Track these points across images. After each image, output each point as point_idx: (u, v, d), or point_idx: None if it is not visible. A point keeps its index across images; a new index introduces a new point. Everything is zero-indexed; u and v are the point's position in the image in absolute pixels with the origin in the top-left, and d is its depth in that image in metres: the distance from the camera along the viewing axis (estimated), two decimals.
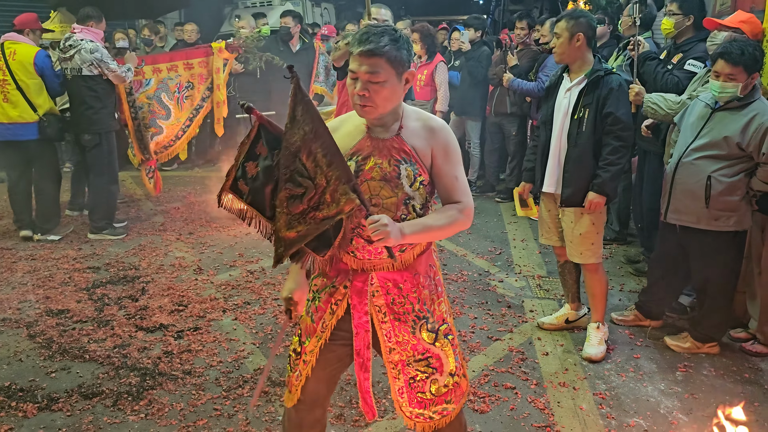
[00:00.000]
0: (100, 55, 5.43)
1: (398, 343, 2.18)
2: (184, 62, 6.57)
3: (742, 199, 3.45)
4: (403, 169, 2.07)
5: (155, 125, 6.51)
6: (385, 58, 1.99)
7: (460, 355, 2.26)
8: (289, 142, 2.10)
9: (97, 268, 5.00)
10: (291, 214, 2.11)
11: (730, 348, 3.80)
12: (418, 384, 2.18)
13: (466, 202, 2.13)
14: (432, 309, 2.17)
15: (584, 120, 3.48)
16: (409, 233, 2.00)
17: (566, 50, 3.50)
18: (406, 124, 2.10)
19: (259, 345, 3.77)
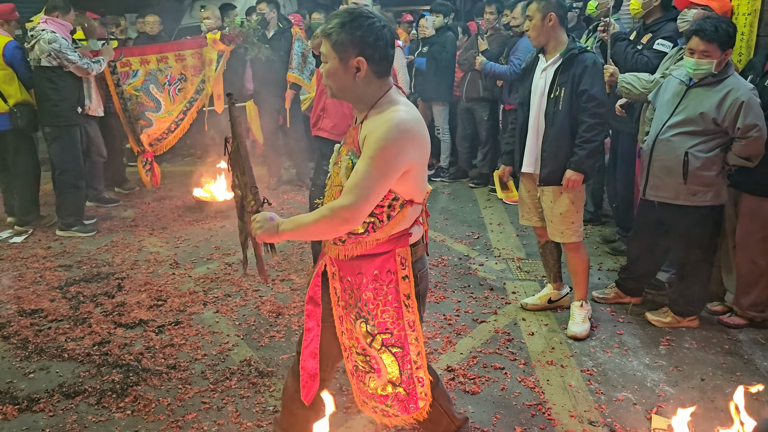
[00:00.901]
0: (58, 46, 5.24)
1: (347, 330, 2.18)
2: (175, 53, 6.40)
3: (719, 174, 3.52)
4: (345, 160, 2.04)
5: (144, 117, 6.38)
6: (330, 41, 1.97)
7: (421, 373, 2.14)
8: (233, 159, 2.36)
9: (68, 266, 4.86)
10: (240, 219, 2.42)
11: (709, 321, 3.88)
12: (360, 374, 2.20)
13: (345, 201, 1.91)
14: (374, 313, 2.08)
15: (560, 99, 3.50)
16: (284, 229, 2.02)
17: (540, 31, 3.51)
18: (372, 114, 1.99)
19: (244, 336, 3.71)
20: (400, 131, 1.90)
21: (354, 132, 2.06)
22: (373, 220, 2.01)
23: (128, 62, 6.21)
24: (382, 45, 1.95)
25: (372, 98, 2.01)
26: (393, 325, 2.08)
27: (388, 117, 1.92)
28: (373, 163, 1.89)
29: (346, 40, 1.93)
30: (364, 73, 1.96)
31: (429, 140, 2.05)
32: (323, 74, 2.06)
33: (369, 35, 1.93)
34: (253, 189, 2.18)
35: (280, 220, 2.03)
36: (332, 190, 2.08)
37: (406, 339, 2.10)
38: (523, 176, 3.81)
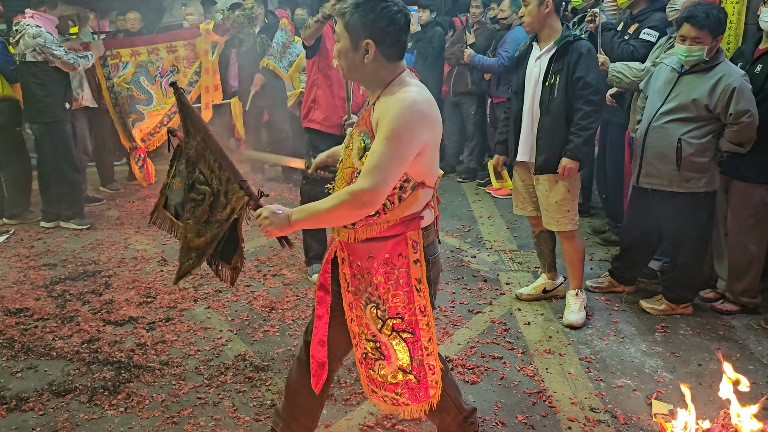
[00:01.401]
0: (43, 41, 5.13)
1: (357, 317, 2.14)
2: (166, 45, 6.26)
3: (711, 160, 3.53)
4: (357, 141, 2.01)
5: (135, 111, 6.23)
6: (343, 21, 1.96)
7: (431, 360, 2.10)
8: (188, 155, 2.28)
9: (53, 264, 4.75)
10: (198, 222, 2.25)
11: (702, 308, 3.90)
12: (369, 361, 2.16)
13: (363, 183, 1.87)
14: (384, 297, 2.04)
15: (555, 86, 3.49)
16: (296, 219, 1.96)
17: (535, 17, 3.49)
18: (384, 96, 1.97)
19: (237, 332, 3.65)
20: (412, 112, 1.88)
21: (366, 113, 2.04)
22: (385, 201, 1.97)
23: (118, 54, 6.07)
24: (394, 30, 1.93)
25: (383, 80, 2.00)
26: (404, 309, 2.05)
27: (399, 98, 1.90)
28: (389, 144, 1.86)
29: (358, 23, 1.92)
30: (372, 56, 1.95)
31: (441, 122, 2.02)
32: (335, 52, 2.05)
33: (381, 19, 1.91)
34: (242, 183, 2.11)
35: (289, 211, 1.97)
36: (344, 173, 2.05)
37: (417, 324, 2.06)
38: (518, 165, 3.79)
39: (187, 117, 2.20)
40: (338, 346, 2.23)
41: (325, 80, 4.04)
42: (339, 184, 2.09)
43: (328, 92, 4.07)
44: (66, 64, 5.28)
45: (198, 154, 2.19)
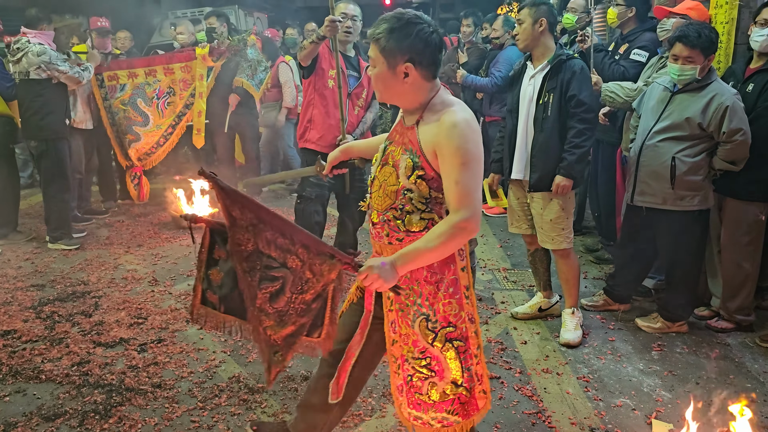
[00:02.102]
0: (48, 58, 5.18)
1: (401, 336, 2.11)
2: (163, 67, 6.28)
3: (705, 179, 3.55)
4: (404, 159, 2.02)
5: (131, 132, 6.30)
6: (378, 46, 1.98)
7: (480, 369, 2.10)
8: (242, 246, 2.04)
9: (41, 285, 4.67)
10: (278, 311, 2.05)
11: (697, 326, 3.89)
12: (415, 383, 2.11)
13: (463, 214, 1.90)
14: (435, 307, 2.05)
15: (549, 104, 3.51)
16: (402, 264, 1.92)
17: (529, 36, 3.52)
18: (427, 116, 2.01)
19: (230, 353, 3.59)
20: (472, 130, 1.95)
21: (409, 133, 2.05)
22: (432, 216, 2.02)
23: (116, 76, 6.12)
24: (430, 51, 1.96)
25: (423, 100, 2.03)
26: (455, 318, 2.06)
27: (453, 120, 1.93)
28: (469, 169, 1.91)
29: (395, 47, 1.94)
30: (412, 78, 1.97)
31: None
32: (372, 78, 2.06)
33: (418, 42, 1.94)
34: (333, 252, 1.95)
35: (391, 260, 1.92)
36: (387, 191, 2.06)
37: (467, 332, 2.08)
38: (513, 183, 3.80)
39: (230, 204, 2.00)
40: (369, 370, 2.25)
41: (320, 100, 4.05)
42: (379, 202, 2.09)
43: (323, 112, 4.08)
44: (71, 78, 5.32)
45: (257, 238, 2.01)
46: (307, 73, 4.07)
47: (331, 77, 4.01)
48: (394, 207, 2.05)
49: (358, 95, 4.19)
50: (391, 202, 2.05)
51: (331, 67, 4.00)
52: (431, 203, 2.02)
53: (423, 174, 1.99)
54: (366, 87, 4.22)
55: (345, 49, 4.15)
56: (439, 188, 2.00)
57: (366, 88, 4.22)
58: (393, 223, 2.07)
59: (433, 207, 2.03)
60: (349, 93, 4.11)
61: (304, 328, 2.06)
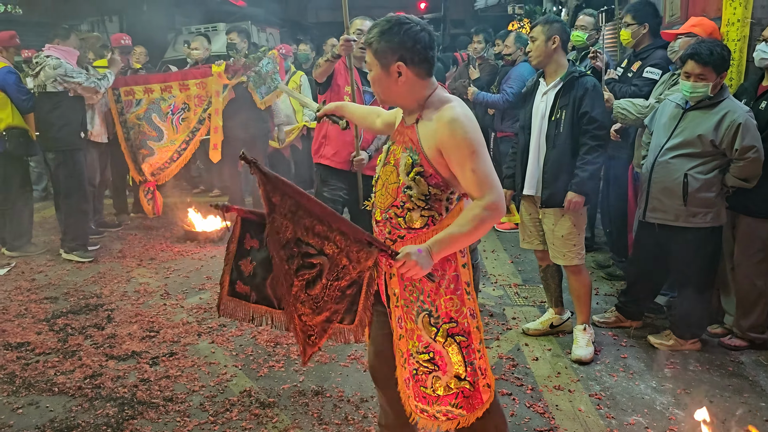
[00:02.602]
0: (64, 71, 5.30)
1: (407, 331, 2.15)
2: (179, 83, 6.35)
3: (718, 196, 3.54)
4: (404, 157, 2.10)
5: (145, 146, 6.37)
6: (371, 50, 2.08)
7: (483, 362, 2.14)
8: (279, 233, 2.04)
9: (55, 298, 4.71)
10: (314, 297, 2.07)
11: (710, 344, 3.86)
12: (420, 377, 2.14)
13: (489, 197, 1.98)
14: (437, 303, 2.09)
15: (561, 121, 3.53)
16: (438, 251, 1.97)
17: (543, 53, 3.54)
18: (426, 114, 2.08)
19: (242, 367, 3.60)
20: (470, 120, 2.01)
21: (409, 132, 2.13)
22: (432, 213, 2.09)
23: (132, 91, 6.23)
24: (420, 48, 2.04)
25: (420, 98, 2.10)
26: (456, 313, 2.09)
27: (452, 115, 1.99)
28: (478, 156, 1.97)
29: (386, 47, 2.04)
30: (405, 77, 2.06)
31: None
32: (370, 82, 2.16)
33: (407, 40, 2.02)
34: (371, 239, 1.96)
35: (426, 246, 1.96)
36: (388, 189, 2.14)
37: (470, 327, 2.11)
38: (525, 199, 3.80)
39: (270, 191, 2.00)
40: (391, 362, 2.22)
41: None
42: (382, 200, 2.17)
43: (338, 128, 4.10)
44: (87, 89, 5.43)
45: (296, 225, 2.01)
46: (322, 89, 4.10)
47: (347, 93, 4.03)
48: (395, 204, 2.12)
49: None
50: (392, 200, 2.13)
51: (347, 83, 4.03)
52: (431, 200, 2.09)
53: (422, 171, 2.06)
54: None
55: (361, 64, 4.18)
56: (438, 185, 2.07)
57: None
58: (395, 221, 2.14)
59: (432, 204, 2.09)
60: None
61: (338, 314, 2.08)
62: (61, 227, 5.78)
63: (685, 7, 5.13)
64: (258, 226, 2.19)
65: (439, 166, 2.05)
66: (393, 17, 2.06)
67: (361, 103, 4.09)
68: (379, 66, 2.07)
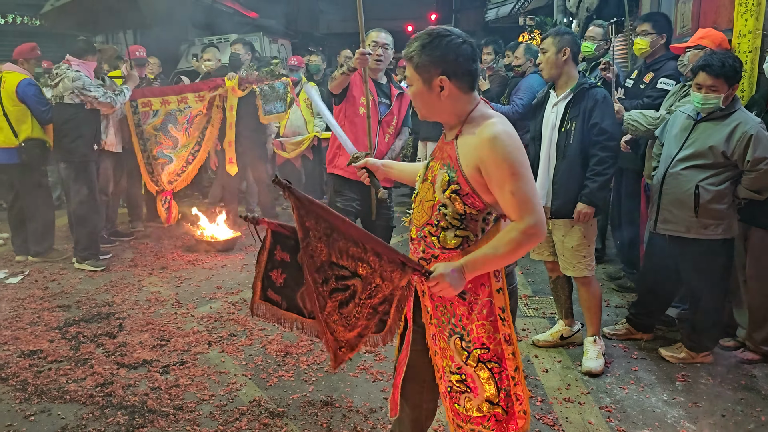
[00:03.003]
0: (82, 84, 5.39)
1: (441, 349, 2.13)
2: (195, 94, 6.40)
3: (729, 207, 3.52)
4: (441, 174, 2.04)
5: (163, 156, 6.45)
6: (412, 64, 2.01)
7: (520, 389, 2.07)
8: (314, 257, 2.03)
9: (67, 306, 4.75)
10: (346, 316, 2.06)
11: (722, 356, 3.83)
12: (454, 395, 2.12)
13: (528, 220, 1.90)
14: (468, 328, 2.05)
15: (571, 132, 3.53)
16: (471, 271, 1.92)
17: (554, 64, 3.55)
18: (466, 130, 2.02)
19: (251, 376, 3.61)
20: (513, 139, 1.94)
21: (448, 148, 2.07)
22: (467, 234, 2.03)
23: (149, 102, 6.29)
24: (462, 61, 1.98)
25: (462, 114, 2.04)
26: (489, 339, 2.04)
27: (492, 132, 1.93)
28: (520, 178, 1.90)
29: (427, 61, 1.97)
30: (448, 91, 1.99)
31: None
32: (411, 97, 2.10)
33: (449, 53, 1.96)
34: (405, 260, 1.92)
35: (458, 265, 1.92)
36: (424, 206, 2.10)
37: (503, 354, 2.05)
38: None
39: (304, 215, 1.99)
40: (423, 379, 2.22)
41: (351, 127, 4.07)
42: (418, 217, 2.13)
43: (353, 139, 4.10)
44: (103, 104, 5.51)
45: (330, 248, 1.99)
46: (338, 101, 4.12)
47: (363, 104, 4.04)
48: (430, 223, 2.07)
49: (389, 123, 4.20)
50: (427, 218, 2.08)
51: (362, 95, 4.04)
52: (466, 220, 2.02)
53: (458, 189, 1.99)
54: (396, 114, 4.24)
55: (377, 76, 4.20)
56: (474, 204, 2.00)
57: (396, 116, 4.24)
58: (429, 239, 2.08)
59: (468, 224, 2.03)
60: (380, 120, 4.13)
61: (369, 329, 2.08)
62: (73, 236, 5.85)
63: (696, 19, 5.14)
64: (289, 241, 2.21)
65: (478, 185, 1.97)
66: (434, 30, 2.01)
67: (376, 113, 4.08)
68: (420, 80, 2.01)
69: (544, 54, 3.57)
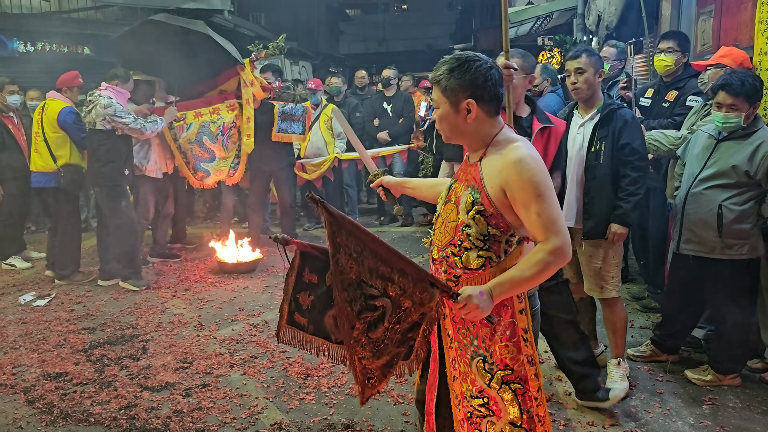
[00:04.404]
0: (113, 111, 5.51)
1: (460, 373, 2.13)
2: (226, 104, 6.46)
3: (754, 227, 3.47)
4: (465, 195, 2.07)
5: (201, 169, 6.54)
6: (439, 87, 2.05)
7: (542, 410, 2.08)
8: (344, 274, 2.01)
9: (92, 328, 4.82)
10: (374, 341, 2.04)
11: (750, 379, 3.75)
12: (475, 420, 2.11)
13: (554, 241, 1.92)
14: (491, 349, 2.06)
15: (601, 152, 3.51)
16: (499, 293, 1.93)
17: (591, 85, 3.50)
18: (491, 152, 2.06)
19: (273, 399, 3.62)
20: (537, 161, 1.98)
21: (472, 170, 2.10)
22: (490, 255, 2.05)
23: (183, 116, 6.37)
24: (491, 85, 2.02)
25: (486, 137, 2.08)
26: (512, 360, 2.05)
27: (518, 156, 1.97)
28: (544, 200, 1.94)
29: (456, 85, 2.01)
30: (475, 114, 2.03)
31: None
32: (437, 120, 2.13)
33: (478, 77, 2.00)
34: (433, 280, 1.93)
35: (487, 288, 1.93)
36: (447, 227, 2.13)
37: (527, 375, 2.06)
38: None
39: (335, 231, 1.98)
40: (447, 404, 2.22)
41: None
42: (440, 238, 2.16)
43: None
44: (134, 130, 5.63)
45: (360, 266, 1.98)
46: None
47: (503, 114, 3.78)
48: (452, 243, 2.10)
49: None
50: (450, 238, 2.10)
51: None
52: (489, 241, 2.05)
53: (482, 210, 2.02)
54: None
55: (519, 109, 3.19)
56: (498, 225, 2.03)
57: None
58: (451, 260, 2.11)
59: (491, 245, 2.05)
60: None
61: (399, 358, 2.06)
62: (101, 256, 5.99)
63: (717, 37, 5.12)
64: (318, 262, 2.20)
65: (502, 206, 2.01)
66: (462, 55, 2.05)
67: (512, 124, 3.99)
68: (448, 104, 2.05)
69: (582, 75, 3.48)
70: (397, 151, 8.02)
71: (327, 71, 17.46)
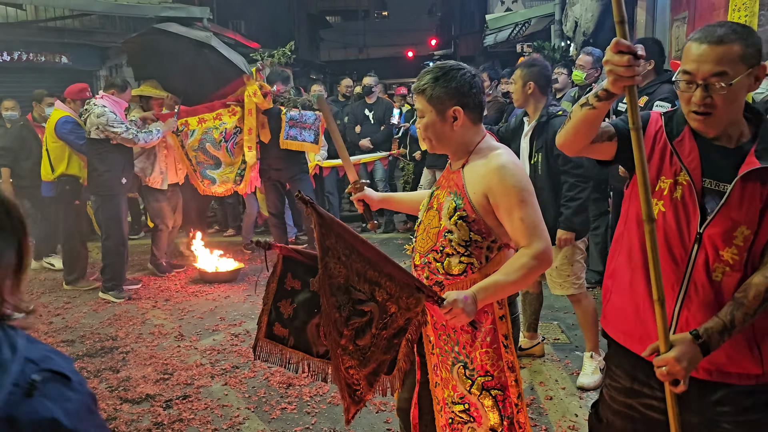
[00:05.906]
0: (105, 120, 5.46)
1: (442, 380, 2.14)
2: (227, 109, 6.31)
3: None
4: (448, 201, 2.10)
5: (206, 176, 6.42)
6: (425, 96, 2.07)
7: (522, 416, 2.09)
8: (332, 278, 1.96)
9: (71, 341, 4.76)
10: (361, 348, 1.99)
11: None
12: (457, 426, 2.13)
13: (537, 246, 1.96)
14: (472, 356, 2.07)
15: (539, 165, 3.65)
16: (483, 298, 1.94)
17: (520, 95, 3.70)
18: (472, 160, 2.09)
19: (254, 409, 3.60)
20: (519, 168, 2.05)
21: (455, 176, 2.13)
22: (472, 261, 2.07)
23: (186, 123, 6.28)
24: (475, 92, 2.06)
25: (470, 144, 2.11)
26: (493, 367, 2.06)
27: (500, 162, 2.02)
28: (526, 205, 1.99)
29: (442, 93, 2.04)
30: (461, 122, 2.06)
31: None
32: (421, 129, 2.15)
33: (464, 85, 2.04)
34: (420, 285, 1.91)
35: (471, 293, 1.92)
36: (429, 233, 2.15)
37: (507, 381, 2.07)
38: None
39: (324, 233, 1.94)
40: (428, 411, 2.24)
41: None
42: (422, 244, 2.18)
43: None
44: (126, 140, 5.57)
45: (348, 269, 1.93)
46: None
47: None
48: (434, 249, 2.12)
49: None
50: (432, 244, 2.12)
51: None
52: (471, 246, 2.06)
53: (464, 216, 2.05)
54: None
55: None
56: (480, 231, 2.05)
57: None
58: (433, 266, 2.13)
59: (472, 251, 2.07)
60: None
61: (385, 365, 2.02)
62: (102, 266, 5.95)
63: None
64: (301, 266, 2.13)
65: (485, 212, 2.04)
66: (446, 64, 2.09)
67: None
68: (434, 112, 2.07)
69: (514, 85, 3.71)
70: (378, 158, 8.03)
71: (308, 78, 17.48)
